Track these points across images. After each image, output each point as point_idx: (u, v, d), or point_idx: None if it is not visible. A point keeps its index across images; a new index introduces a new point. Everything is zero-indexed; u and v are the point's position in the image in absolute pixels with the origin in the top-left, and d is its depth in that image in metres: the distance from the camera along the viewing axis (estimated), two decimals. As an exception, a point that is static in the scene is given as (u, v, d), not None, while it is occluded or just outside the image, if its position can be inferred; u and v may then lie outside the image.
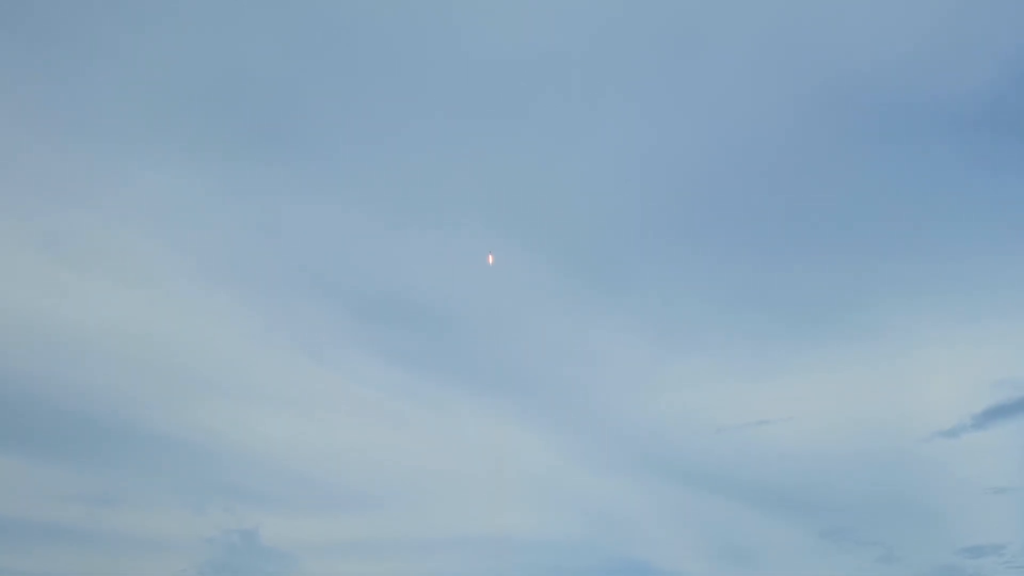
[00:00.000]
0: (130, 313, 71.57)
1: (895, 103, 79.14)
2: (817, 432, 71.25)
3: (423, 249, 78.39)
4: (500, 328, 76.67)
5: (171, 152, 77.14)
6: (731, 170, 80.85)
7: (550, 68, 79.89)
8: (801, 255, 78.36)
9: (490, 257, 75.24)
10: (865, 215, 78.45)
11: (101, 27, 76.90)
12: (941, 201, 77.49)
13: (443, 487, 71.26)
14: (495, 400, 73.97)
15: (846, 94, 79.23)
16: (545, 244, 79.44)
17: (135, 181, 75.94)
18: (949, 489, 68.42)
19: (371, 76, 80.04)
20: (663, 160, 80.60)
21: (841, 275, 77.14)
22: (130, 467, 68.84)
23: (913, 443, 69.62)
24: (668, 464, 72.65)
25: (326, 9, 78.98)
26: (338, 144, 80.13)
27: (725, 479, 71.13)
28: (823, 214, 79.43)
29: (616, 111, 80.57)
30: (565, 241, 79.83)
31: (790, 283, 77.92)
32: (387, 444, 72.63)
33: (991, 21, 76.66)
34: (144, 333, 71.52)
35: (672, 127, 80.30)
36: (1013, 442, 68.33)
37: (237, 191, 78.07)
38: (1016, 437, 68.29)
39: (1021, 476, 67.22)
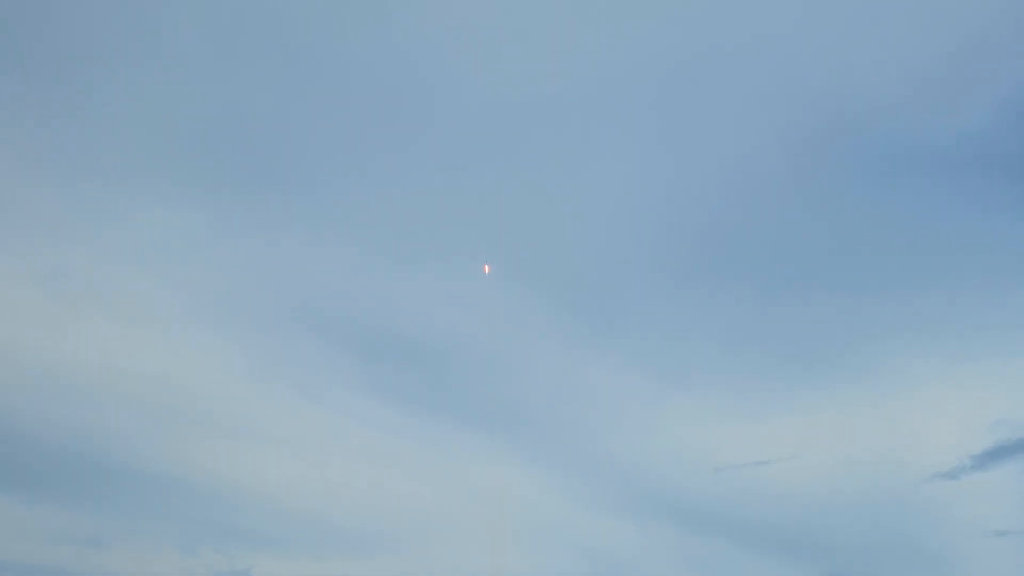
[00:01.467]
0: (126, 351, 71.49)
1: (892, 146, 79.79)
2: (816, 472, 70.72)
3: (421, 289, 78.52)
4: (498, 367, 76.51)
5: (170, 191, 77.67)
6: (730, 211, 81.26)
7: (550, 111, 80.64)
8: (799, 296, 78.46)
9: (486, 267, 75.36)
10: (863, 256, 78.74)
11: (101, 69, 77.69)
12: (938, 242, 77.76)
13: (440, 527, 70.64)
14: (493, 439, 73.60)
15: (843, 137, 79.89)
16: (544, 284, 79.57)
17: (134, 220, 76.33)
18: (950, 531, 67.80)
19: (369, 117, 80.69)
20: (662, 201, 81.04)
21: (839, 316, 77.22)
22: (122, 507, 68.27)
23: (913, 484, 69.19)
24: (666, 503, 72.06)
25: (324, 50, 79.85)
26: (336, 184, 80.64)
27: (723, 519, 70.55)
28: (821, 255, 79.69)
29: (615, 153, 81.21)
30: (564, 281, 79.98)
31: (788, 323, 77.94)
32: (383, 483, 72.11)
33: (983, 67, 77.58)
34: (139, 371, 71.35)
35: (671, 169, 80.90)
36: (1014, 484, 67.87)
37: (235, 230, 78.37)
38: (1017, 479, 67.88)
39: (1023, 519, 66.70)
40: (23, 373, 69.16)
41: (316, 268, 78.57)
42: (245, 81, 79.48)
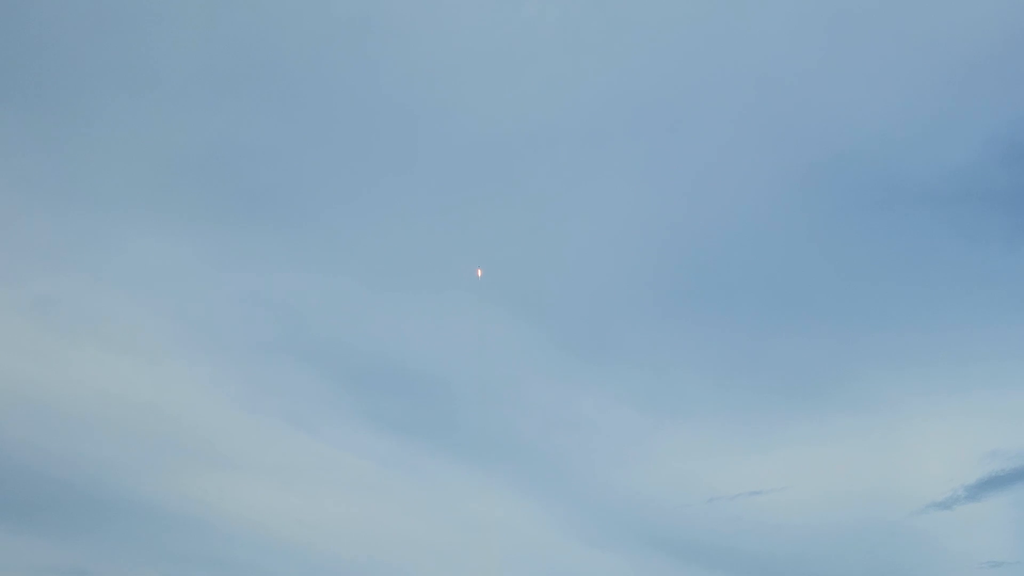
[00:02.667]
0: (117, 380, 71.05)
1: (883, 180, 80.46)
2: (810, 503, 70.59)
3: (413, 319, 78.46)
4: (490, 397, 76.27)
5: (162, 221, 77.60)
6: (722, 244, 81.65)
7: (543, 142, 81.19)
8: (792, 327, 78.64)
9: (479, 271, 75.43)
10: (855, 288, 79.07)
11: (95, 98, 77.94)
12: (929, 275, 78.20)
13: (431, 558, 70.02)
14: (485, 470, 73.19)
15: (835, 171, 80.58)
16: (537, 314, 79.65)
17: (126, 249, 76.21)
18: (944, 562, 67.57)
19: (361, 147, 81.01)
20: (655, 232, 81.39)
21: (832, 347, 77.42)
22: (110, 537, 67.42)
23: (907, 515, 69.07)
24: (659, 534, 71.67)
25: (316, 82, 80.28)
26: (328, 214, 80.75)
27: (717, 550, 70.16)
28: (814, 287, 79.99)
29: (608, 184, 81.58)
30: (557, 311, 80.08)
31: (781, 354, 78.08)
32: (374, 514, 71.55)
33: (973, 103, 78.55)
34: (130, 400, 70.91)
35: (664, 201, 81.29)
36: (1008, 514, 67.85)
37: (228, 260, 78.28)
38: (1011, 509, 67.88)
39: (1018, 550, 66.53)
40: (12, 401, 68.68)
41: (308, 298, 78.59)
42: (238, 112, 79.86)
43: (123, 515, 67.82)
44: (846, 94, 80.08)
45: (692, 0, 79.11)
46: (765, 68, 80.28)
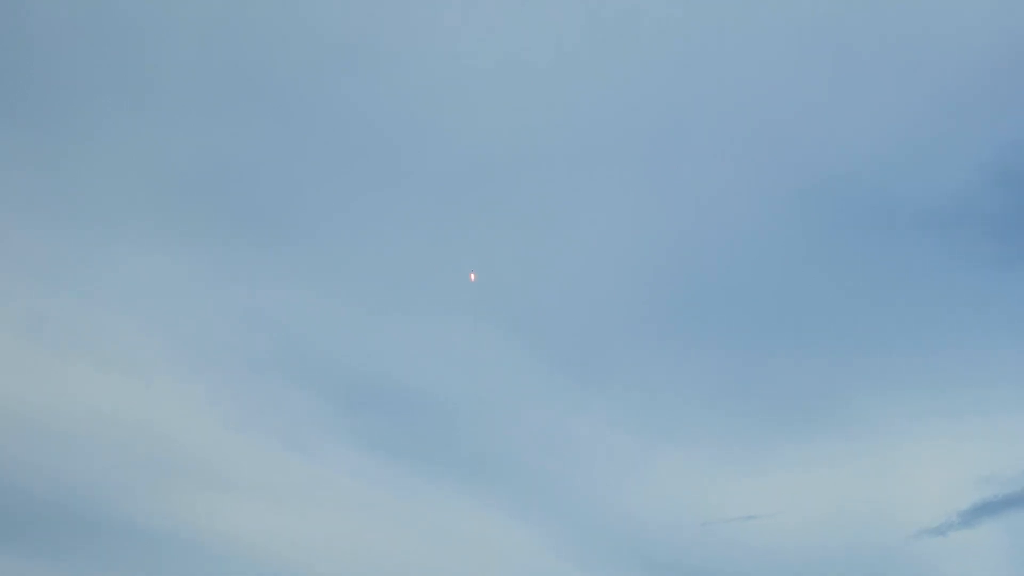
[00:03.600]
0: (108, 398, 70.51)
1: (876, 203, 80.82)
2: (804, 528, 70.41)
3: (406, 339, 78.23)
4: (485, 418, 76.09)
5: (157, 237, 77.33)
6: (717, 266, 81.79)
7: (538, 162, 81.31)
8: (785, 350, 78.73)
9: (472, 275, 75.38)
10: (848, 312, 79.29)
11: (89, 114, 77.74)
12: (923, 299, 78.50)
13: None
14: (478, 491, 73.01)
15: (828, 194, 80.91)
16: (529, 334, 79.51)
17: (120, 266, 75.85)
18: (938, 588, 67.73)
19: (356, 166, 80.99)
20: (649, 254, 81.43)
21: (825, 371, 77.48)
22: (99, 557, 66.61)
23: (901, 540, 68.97)
24: (654, 558, 71.31)
25: (311, 100, 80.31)
26: (324, 233, 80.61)
27: (712, 574, 69.98)
28: (807, 311, 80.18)
29: (602, 204, 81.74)
30: (549, 331, 79.95)
31: (775, 377, 78.11)
32: (366, 536, 71.13)
33: (967, 128, 79.10)
34: (121, 419, 70.43)
35: (658, 224, 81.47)
36: (1002, 541, 67.82)
37: (220, 277, 77.98)
38: (1004, 536, 67.90)
39: (1011, 576, 66.62)
40: (1, 418, 68.13)
41: (302, 316, 78.28)
42: (233, 129, 79.74)
43: (113, 534, 67.26)
44: (840, 117, 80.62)
45: (690, 22, 79.65)
46: (760, 91, 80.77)
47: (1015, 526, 67.65)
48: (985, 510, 68.11)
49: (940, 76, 78.39)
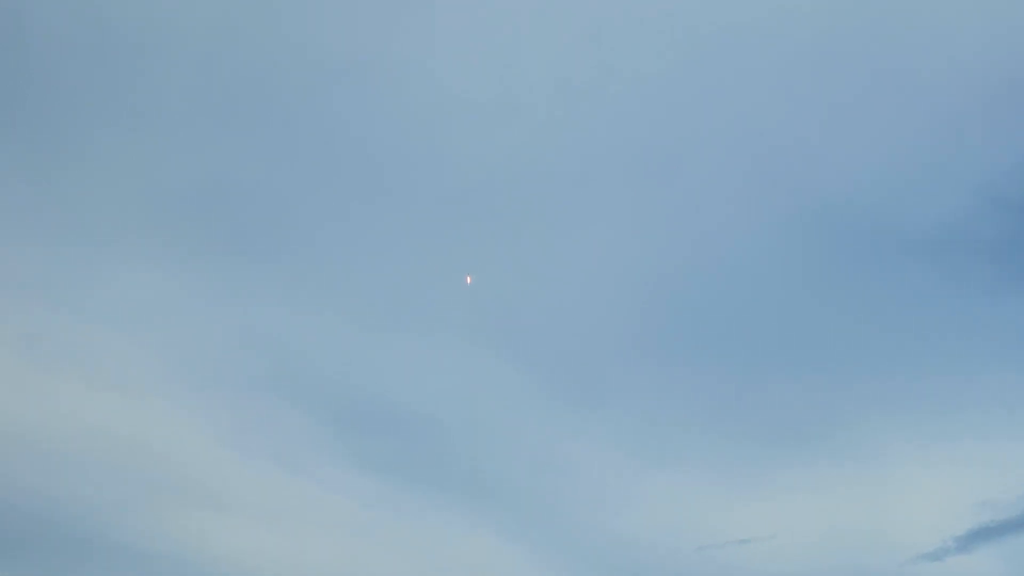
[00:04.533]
0: (102, 416, 70.18)
1: (872, 228, 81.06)
2: (800, 552, 70.25)
3: (402, 358, 78.02)
4: (479, 439, 75.86)
5: (151, 255, 77.02)
6: (711, 290, 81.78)
7: (535, 182, 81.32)
8: (781, 373, 78.68)
9: (468, 278, 75.30)
10: (845, 335, 79.32)
11: (83, 128, 77.56)
12: (918, 324, 78.63)
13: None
14: (472, 511, 72.70)
15: (824, 218, 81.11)
16: (526, 355, 79.32)
17: (112, 283, 75.51)
18: (934, 615, 67.58)
19: (351, 185, 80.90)
20: (645, 277, 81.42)
21: (821, 395, 77.44)
22: (91, 576, 66.45)
23: (897, 565, 68.81)
24: (648, 582, 71.19)
25: (308, 114, 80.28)
26: (320, 252, 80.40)
27: (707, 599, 69.76)
28: (803, 334, 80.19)
29: (598, 226, 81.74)
30: (546, 353, 79.79)
31: (771, 401, 78.04)
32: (361, 556, 70.69)
33: (963, 154, 79.45)
34: (115, 437, 70.04)
35: (654, 246, 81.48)
36: (998, 567, 67.73)
37: (215, 295, 77.71)
38: (1001, 563, 67.76)
39: (1010, 605, 66.53)
40: (-6, 437, 67.72)
41: (297, 335, 78.05)
42: (228, 147, 79.63)
43: (105, 553, 66.74)
44: (837, 142, 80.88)
45: (687, 47, 79.93)
46: (756, 115, 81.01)
47: (1012, 552, 67.68)
48: (982, 535, 68.11)
49: (936, 102, 78.89)
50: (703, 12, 79.65)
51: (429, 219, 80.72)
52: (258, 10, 78.76)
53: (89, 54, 77.87)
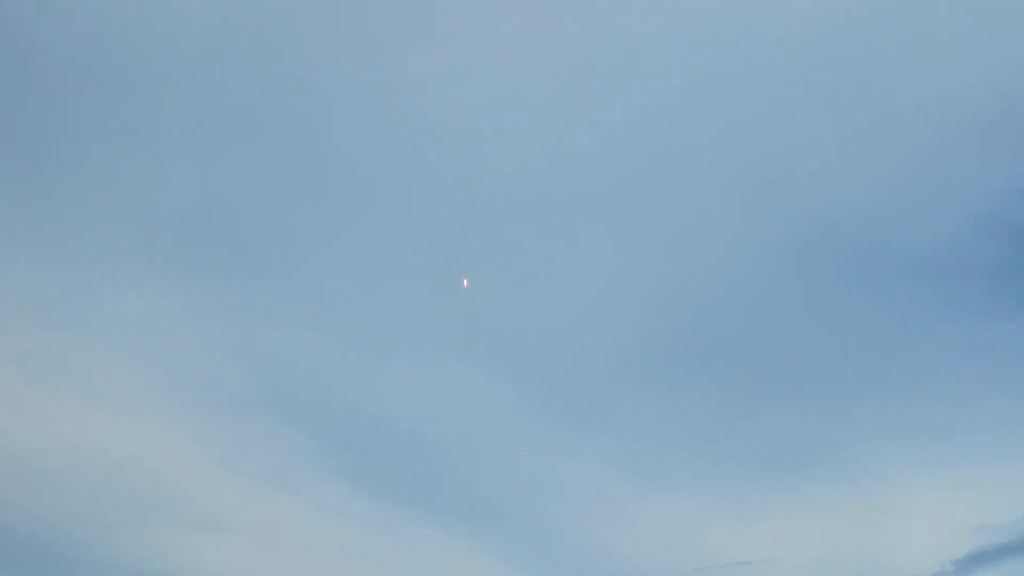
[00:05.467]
0: (96, 435, 69.95)
1: (870, 251, 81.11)
2: (797, 575, 69.98)
3: (398, 378, 77.86)
4: (474, 460, 75.60)
5: (147, 274, 76.97)
6: (708, 312, 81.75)
7: (529, 204, 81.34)
8: (778, 397, 78.53)
9: (464, 281, 75.16)
10: (842, 359, 79.27)
11: (80, 148, 77.59)
12: (916, 347, 78.53)
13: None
14: (467, 533, 72.40)
15: (822, 241, 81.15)
16: (521, 377, 79.19)
17: (108, 301, 75.40)
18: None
19: (351, 208, 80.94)
20: (641, 298, 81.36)
21: (818, 417, 77.33)
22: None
23: (895, 589, 68.67)
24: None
25: (305, 136, 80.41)
26: (315, 272, 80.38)
27: (704, 622, 69.38)
28: (800, 357, 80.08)
29: (594, 248, 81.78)
30: (541, 375, 79.67)
31: (767, 424, 77.85)
32: (355, 577, 70.44)
33: (960, 177, 79.67)
34: (110, 457, 69.79)
35: (649, 265, 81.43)
36: (997, 591, 67.54)
37: (210, 314, 77.57)
38: (1000, 586, 67.57)
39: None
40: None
41: (292, 355, 77.86)
42: (223, 166, 79.76)
43: (98, 573, 66.41)
44: (835, 165, 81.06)
45: (683, 67, 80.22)
46: (753, 138, 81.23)
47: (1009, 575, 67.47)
48: (979, 559, 67.88)
49: (934, 126, 79.14)
50: (703, 37, 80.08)
51: (424, 238, 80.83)
52: (255, 30, 79.05)
53: (86, 72, 78.09)
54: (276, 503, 71.37)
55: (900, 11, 79.25)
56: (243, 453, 73.03)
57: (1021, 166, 77.53)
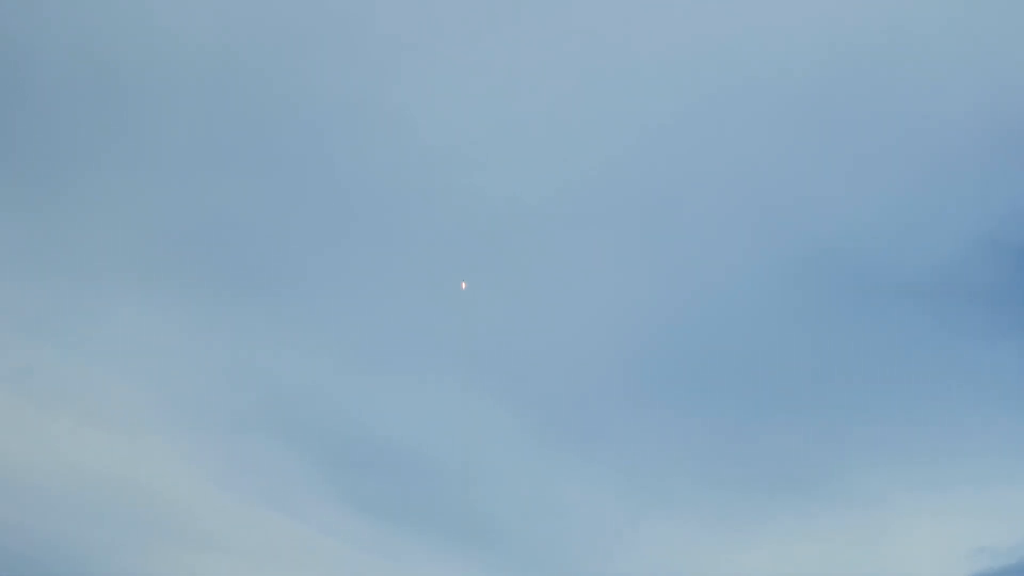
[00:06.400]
0: (92, 453, 69.62)
1: (867, 273, 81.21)
2: (796, 599, 69.60)
3: (395, 398, 77.64)
4: (471, 481, 75.05)
5: (144, 292, 77.02)
6: (706, 334, 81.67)
7: (528, 225, 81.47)
8: (777, 419, 78.30)
9: (463, 284, 75.02)
10: (841, 381, 79.04)
11: (78, 167, 77.88)
12: (913, 369, 78.43)
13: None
14: (464, 555, 71.66)
15: (820, 262, 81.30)
16: (519, 398, 79.02)
17: (105, 320, 75.39)
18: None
19: (350, 227, 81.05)
20: (639, 320, 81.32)
21: (817, 440, 77.03)
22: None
23: (896, 614, 68.24)
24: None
25: (307, 158, 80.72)
26: (312, 289, 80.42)
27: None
28: (798, 378, 79.91)
29: (593, 270, 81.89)
30: (539, 396, 79.41)
31: (765, 447, 77.52)
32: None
33: (958, 199, 79.98)
34: (105, 474, 69.35)
35: (650, 288, 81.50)
36: (996, 614, 67.02)
37: (208, 334, 77.60)
38: (1000, 611, 67.07)
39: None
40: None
41: (289, 375, 77.80)
42: (221, 187, 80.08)
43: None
44: (831, 187, 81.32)
45: (682, 91, 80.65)
46: (751, 161, 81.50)
47: (1011, 600, 67.03)
48: (981, 583, 67.49)
49: (933, 149, 79.53)
50: (708, 64, 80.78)
51: (422, 259, 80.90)
52: (254, 56, 79.56)
53: (86, 94, 78.52)
54: (272, 522, 71.00)
55: (897, 39, 79.87)
56: (240, 472, 72.75)
57: (1018, 188, 77.85)
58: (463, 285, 75.59)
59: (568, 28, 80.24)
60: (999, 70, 77.31)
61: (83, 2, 78.09)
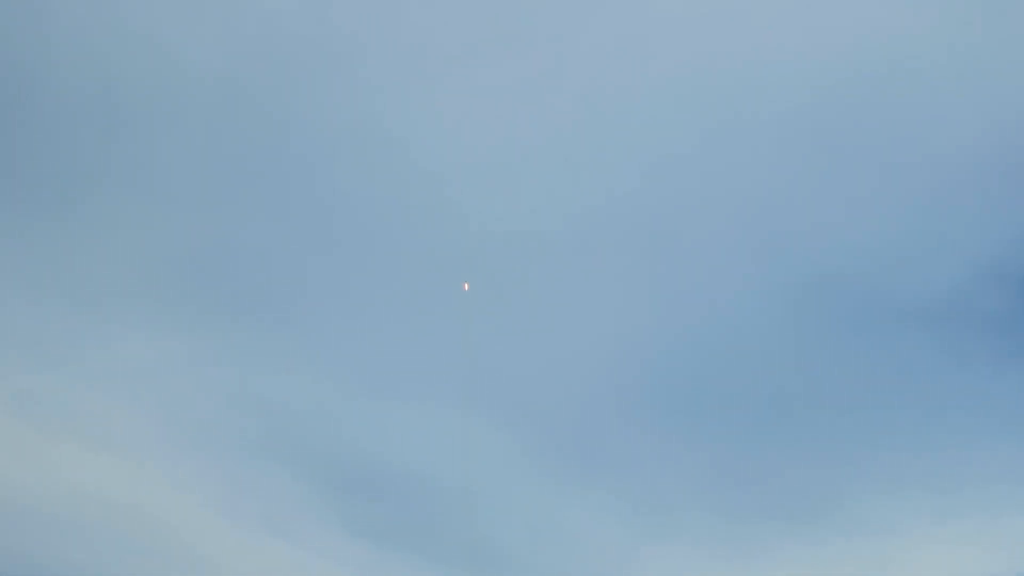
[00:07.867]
0: (94, 478, 69.18)
1: (873, 300, 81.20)
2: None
3: (398, 424, 77.31)
4: (474, 507, 74.74)
5: (147, 317, 76.92)
6: (712, 361, 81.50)
7: (531, 247, 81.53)
8: (783, 446, 77.96)
9: (465, 285, 74.79)
10: (846, 409, 78.81)
11: (83, 190, 78.03)
12: (920, 396, 78.23)
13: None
14: (467, 582, 71.40)
15: (826, 289, 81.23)
16: (523, 423, 78.61)
17: (109, 345, 75.19)
18: None
19: (352, 252, 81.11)
20: (644, 346, 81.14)
21: (823, 467, 76.66)
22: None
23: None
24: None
25: (309, 184, 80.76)
26: (315, 315, 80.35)
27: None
28: (804, 406, 79.65)
29: (597, 292, 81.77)
30: (543, 421, 79.09)
31: (772, 474, 77.13)
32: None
33: (963, 225, 80.00)
34: (108, 501, 68.94)
35: (654, 311, 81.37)
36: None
37: (211, 359, 77.29)
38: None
39: None
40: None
41: (289, 399, 77.49)
42: (224, 212, 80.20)
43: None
44: (836, 214, 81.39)
45: (684, 118, 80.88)
46: (755, 187, 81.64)
47: (1019, 629, 66.43)
48: (988, 612, 66.88)
49: (936, 175, 79.57)
50: (707, 92, 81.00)
51: (424, 285, 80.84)
52: (258, 79, 79.87)
53: (89, 117, 78.79)
54: (274, 548, 70.47)
55: (899, 66, 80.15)
56: (241, 498, 72.32)
57: (1022, 215, 77.87)
58: (465, 286, 75.51)
59: (572, 54, 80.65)
60: (1003, 97, 77.58)
61: (88, 28, 78.50)
